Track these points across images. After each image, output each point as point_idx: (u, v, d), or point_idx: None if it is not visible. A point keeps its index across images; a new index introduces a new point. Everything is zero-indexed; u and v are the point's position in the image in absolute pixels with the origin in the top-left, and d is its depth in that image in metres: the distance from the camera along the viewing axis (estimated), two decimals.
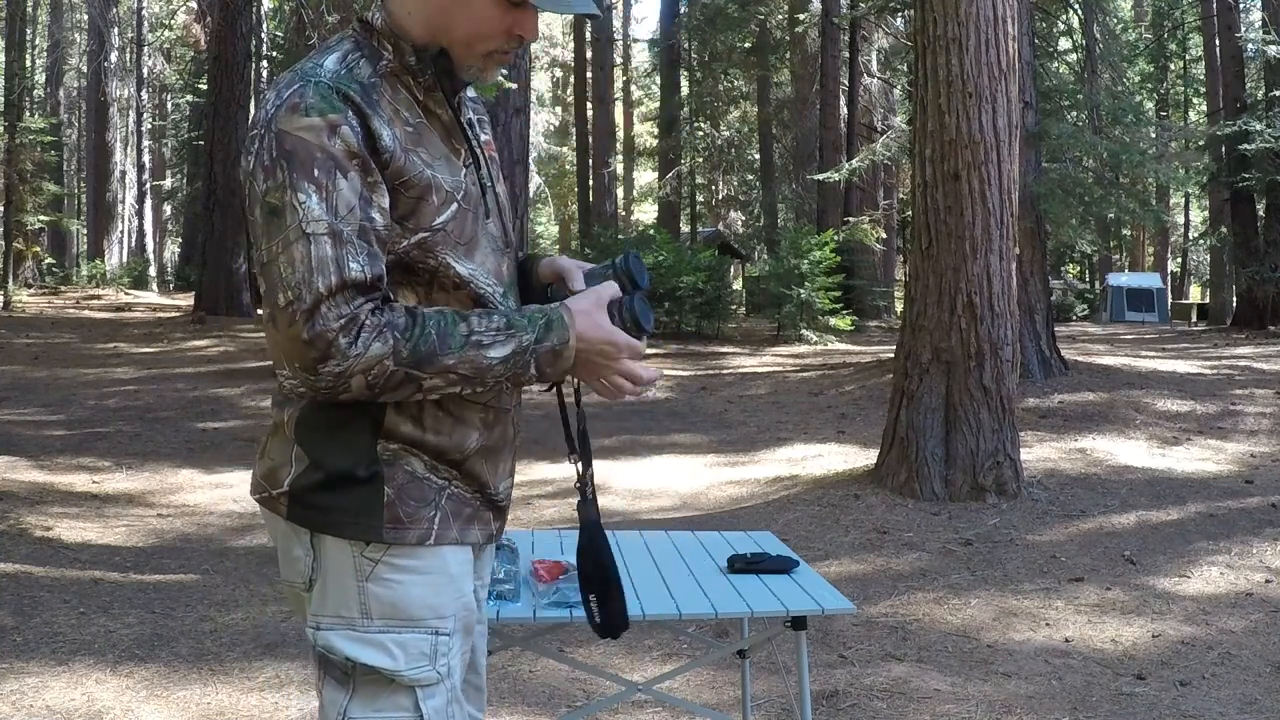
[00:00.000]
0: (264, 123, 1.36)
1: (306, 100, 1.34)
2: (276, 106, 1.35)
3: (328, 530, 1.43)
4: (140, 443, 7.90)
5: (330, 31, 9.79)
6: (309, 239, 1.32)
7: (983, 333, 6.24)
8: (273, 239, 1.33)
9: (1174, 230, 34.61)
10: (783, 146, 26.50)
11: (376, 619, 1.42)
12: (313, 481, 1.43)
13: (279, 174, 1.32)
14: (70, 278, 24.81)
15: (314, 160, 1.32)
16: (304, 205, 1.32)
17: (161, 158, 35.25)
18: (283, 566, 1.50)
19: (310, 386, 1.36)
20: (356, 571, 1.42)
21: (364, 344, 1.32)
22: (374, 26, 1.46)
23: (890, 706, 3.47)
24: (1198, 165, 23.03)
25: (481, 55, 1.48)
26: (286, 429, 1.45)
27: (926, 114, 6.41)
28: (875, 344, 15.53)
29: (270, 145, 1.34)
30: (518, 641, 2.99)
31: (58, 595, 4.39)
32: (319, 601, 1.44)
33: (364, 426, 1.43)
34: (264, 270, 1.36)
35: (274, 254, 1.33)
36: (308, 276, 1.31)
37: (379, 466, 1.43)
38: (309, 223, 1.32)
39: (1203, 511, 6.11)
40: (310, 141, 1.33)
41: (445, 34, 1.45)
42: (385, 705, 1.43)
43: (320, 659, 1.45)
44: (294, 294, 1.31)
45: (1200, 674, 3.79)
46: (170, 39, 29.10)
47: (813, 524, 5.87)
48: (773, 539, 2.66)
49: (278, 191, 1.32)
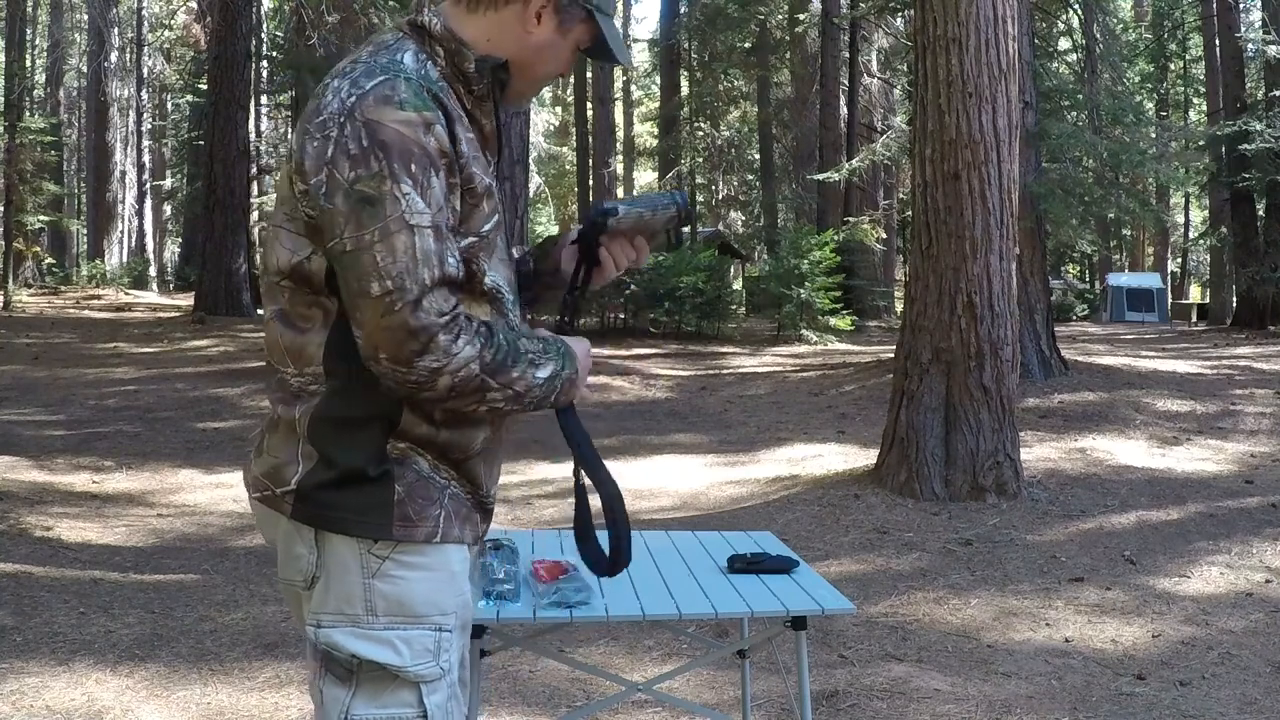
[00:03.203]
0: (343, 111, 1.35)
1: (400, 94, 1.35)
2: (358, 96, 1.35)
3: (337, 528, 1.43)
4: (140, 443, 7.90)
5: (330, 31, 9.78)
6: (413, 230, 1.32)
7: (983, 333, 6.23)
8: (365, 227, 1.32)
9: (1174, 230, 34.62)
10: (783, 146, 26.49)
11: (382, 616, 1.43)
12: (324, 479, 1.42)
13: (373, 163, 1.32)
14: (70, 278, 24.80)
15: (412, 154, 1.33)
16: (407, 196, 1.32)
17: (161, 158, 35.24)
18: (282, 565, 1.49)
19: (398, 380, 1.36)
20: (363, 569, 1.42)
21: (462, 344, 1.35)
22: (430, 31, 1.47)
23: (890, 706, 3.47)
24: (1198, 165, 23.05)
25: (539, 88, 1.59)
26: (298, 426, 1.44)
27: (926, 114, 6.41)
28: (875, 344, 15.54)
29: (358, 133, 1.33)
30: (518, 641, 2.99)
31: (58, 595, 4.38)
32: (320, 599, 1.44)
33: (378, 425, 1.43)
34: (348, 257, 1.34)
35: (366, 242, 1.32)
36: (412, 267, 1.32)
37: (389, 465, 1.44)
38: (412, 214, 1.32)
39: (1203, 511, 6.11)
40: (408, 135, 1.33)
41: (526, 69, 1.53)
42: (389, 701, 1.43)
43: (323, 657, 1.45)
44: (395, 284, 1.31)
45: (1200, 674, 3.79)
46: (170, 39, 29.08)
47: (813, 524, 5.87)
48: (773, 539, 2.66)
49: (373, 180, 1.32)
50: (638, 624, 3.95)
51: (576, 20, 1.53)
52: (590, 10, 1.54)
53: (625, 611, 2.06)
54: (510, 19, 1.49)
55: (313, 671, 1.51)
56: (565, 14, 1.52)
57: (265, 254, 1.51)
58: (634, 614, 2.05)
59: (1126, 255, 38.31)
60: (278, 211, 1.47)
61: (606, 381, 11.22)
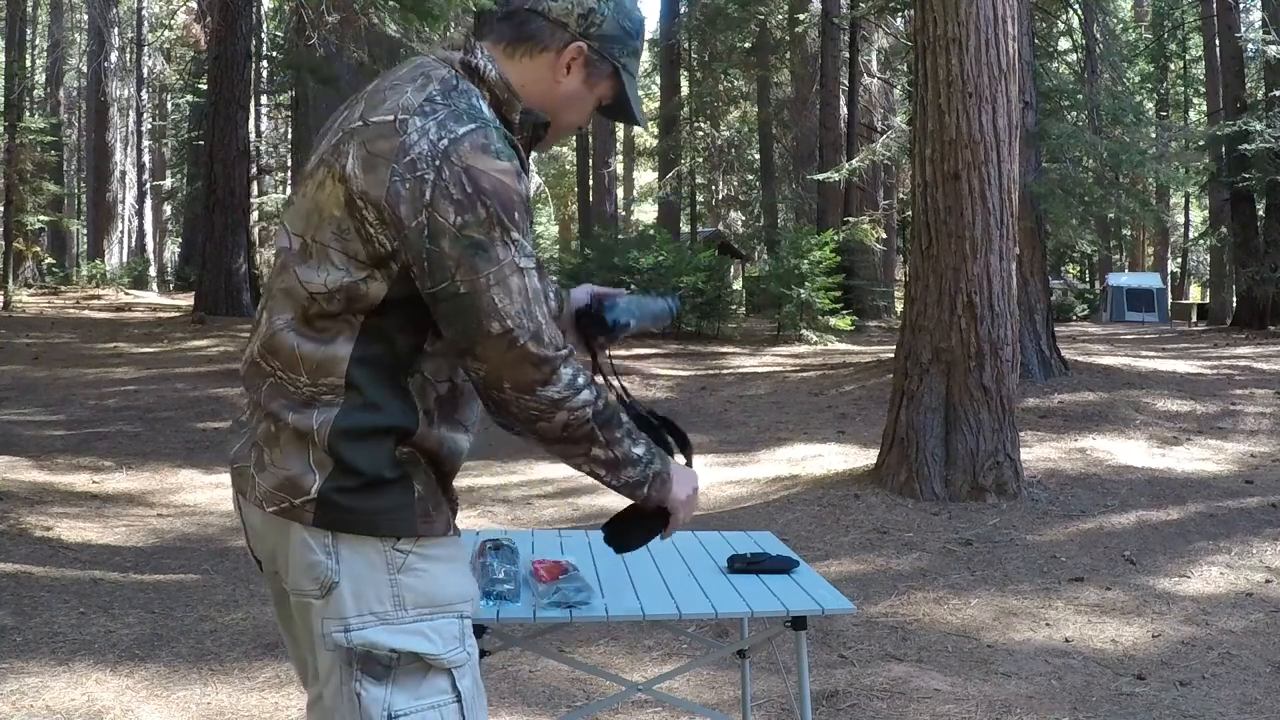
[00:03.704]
0: (436, 154, 1.40)
1: (494, 143, 1.43)
2: (451, 140, 1.41)
3: (366, 530, 1.47)
4: (140, 443, 7.90)
5: (330, 31, 9.78)
6: (523, 272, 1.42)
7: (983, 333, 6.23)
8: (479, 271, 1.40)
9: (1174, 230, 34.62)
10: (783, 146, 26.49)
11: (411, 609, 1.48)
12: (347, 485, 1.46)
13: (480, 210, 1.40)
14: (70, 278, 24.77)
15: (513, 202, 1.42)
16: (515, 241, 1.42)
17: (161, 158, 35.24)
18: (298, 578, 1.50)
19: (520, 407, 1.46)
20: (388, 566, 1.47)
21: (582, 382, 1.47)
22: (484, 77, 1.53)
23: (890, 706, 3.47)
24: (1198, 165, 23.04)
25: (560, 138, 1.68)
26: (315, 436, 1.47)
27: (926, 114, 6.41)
28: (875, 344, 15.53)
29: (459, 179, 1.40)
30: (518, 641, 2.99)
31: (58, 595, 4.38)
32: (345, 604, 1.46)
33: (394, 436, 1.49)
34: (464, 299, 1.42)
35: (482, 285, 1.40)
36: (526, 306, 1.42)
37: (404, 466, 1.49)
38: (520, 257, 1.42)
39: (1203, 511, 6.11)
40: (508, 184, 1.42)
41: (554, 117, 1.61)
42: (426, 691, 1.48)
43: (359, 660, 1.46)
44: (515, 322, 1.41)
45: (1200, 674, 3.79)
46: (170, 39, 29.07)
47: (813, 524, 5.87)
48: (773, 539, 2.66)
49: (481, 227, 1.40)
50: (638, 624, 3.96)
51: (604, 76, 1.61)
52: (617, 68, 1.61)
53: (625, 611, 2.06)
54: (543, 67, 1.56)
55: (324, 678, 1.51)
56: (594, 68, 1.59)
57: (294, 265, 1.52)
58: (634, 614, 2.05)
59: (1126, 255, 38.30)
60: (321, 228, 1.48)
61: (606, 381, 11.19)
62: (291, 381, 1.49)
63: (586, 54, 1.57)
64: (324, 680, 1.52)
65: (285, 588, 1.55)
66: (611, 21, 1.58)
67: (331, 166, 1.48)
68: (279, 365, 1.51)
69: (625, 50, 1.61)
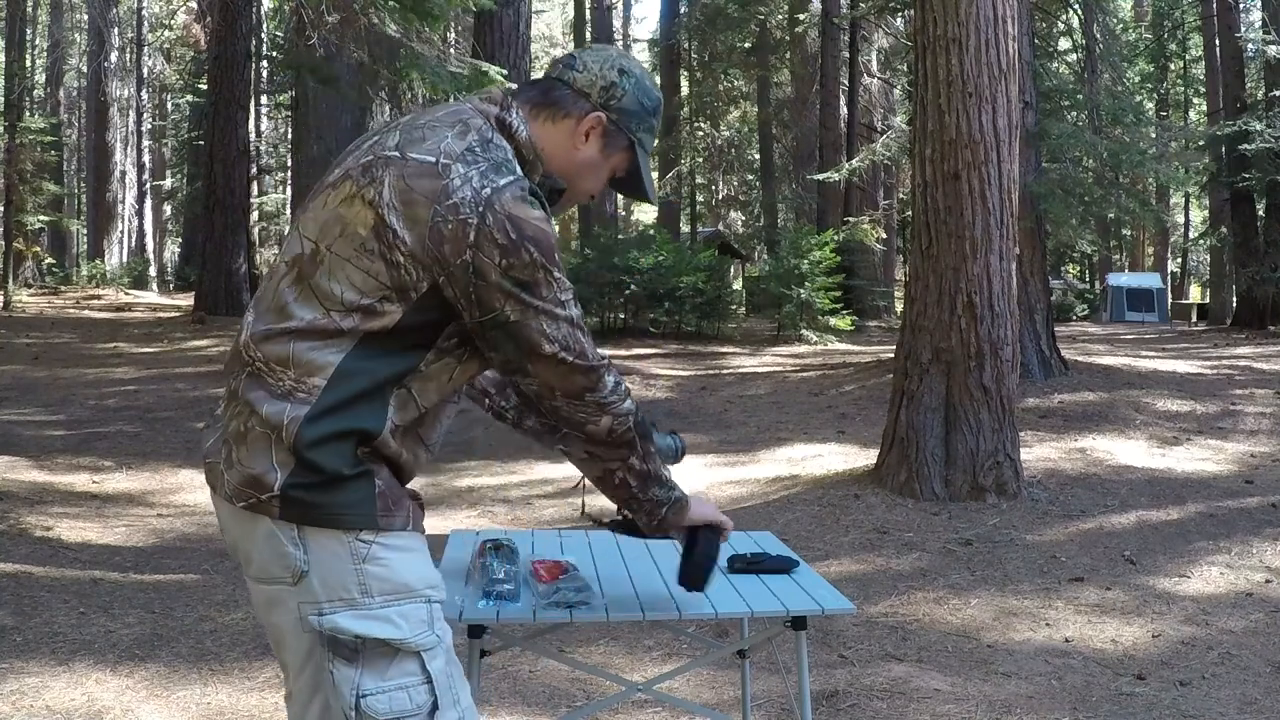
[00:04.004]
0: (479, 201, 1.51)
1: (528, 194, 1.55)
2: (493, 190, 1.52)
3: (328, 523, 1.54)
4: (140, 443, 7.90)
5: (330, 31, 9.77)
6: (564, 304, 1.58)
7: (983, 333, 6.23)
8: (529, 305, 1.55)
9: (1174, 230, 34.62)
10: (783, 146, 26.49)
11: (377, 595, 1.54)
12: (308, 482, 1.53)
13: (524, 254, 1.53)
14: (70, 278, 24.76)
15: (551, 247, 1.55)
16: (556, 279, 1.56)
17: (161, 158, 35.24)
18: (267, 565, 1.58)
19: (570, 412, 1.64)
20: (352, 556, 1.54)
21: (624, 390, 1.65)
22: (515, 135, 1.65)
23: (890, 706, 3.47)
24: (1198, 165, 23.03)
25: (574, 203, 1.79)
26: (284, 432, 1.53)
27: (926, 114, 6.41)
28: (875, 344, 15.54)
29: (503, 226, 1.51)
30: (518, 641, 2.99)
31: (58, 595, 4.38)
32: (315, 590, 1.54)
33: (353, 436, 1.55)
34: (514, 326, 1.56)
35: (532, 314, 1.56)
36: (570, 329, 1.58)
37: (364, 465, 1.56)
38: (561, 292, 1.57)
39: (1203, 511, 6.11)
40: (546, 230, 1.55)
41: (570, 182, 1.73)
42: (395, 673, 1.55)
43: (329, 643, 1.54)
44: (563, 343, 1.58)
45: (1200, 674, 3.79)
46: (170, 39, 29.09)
47: (813, 524, 5.87)
48: (773, 539, 2.66)
49: (528, 269, 1.53)
50: (638, 624, 3.96)
51: (619, 148, 1.72)
52: (633, 142, 1.72)
53: (625, 612, 2.05)
54: (563, 133, 1.68)
55: (298, 663, 1.61)
56: (610, 139, 1.70)
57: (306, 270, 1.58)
58: (634, 614, 2.05)
59: (1126, 255, 38.30)
60: (340, 241, 1.55)
61: None
62: (275, 375, 1.55)
63: (605, 125, 1.69)
64: (301, 665, 1.60)
65: (248, 579, 1.64)
66: (631, 97, 1.70)
67: (362, 187, 1.56)
68: (266, 359, 1.56)
69: (642, 126, 1.73)
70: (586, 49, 1.78)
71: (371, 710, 1.53)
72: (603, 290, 15.91)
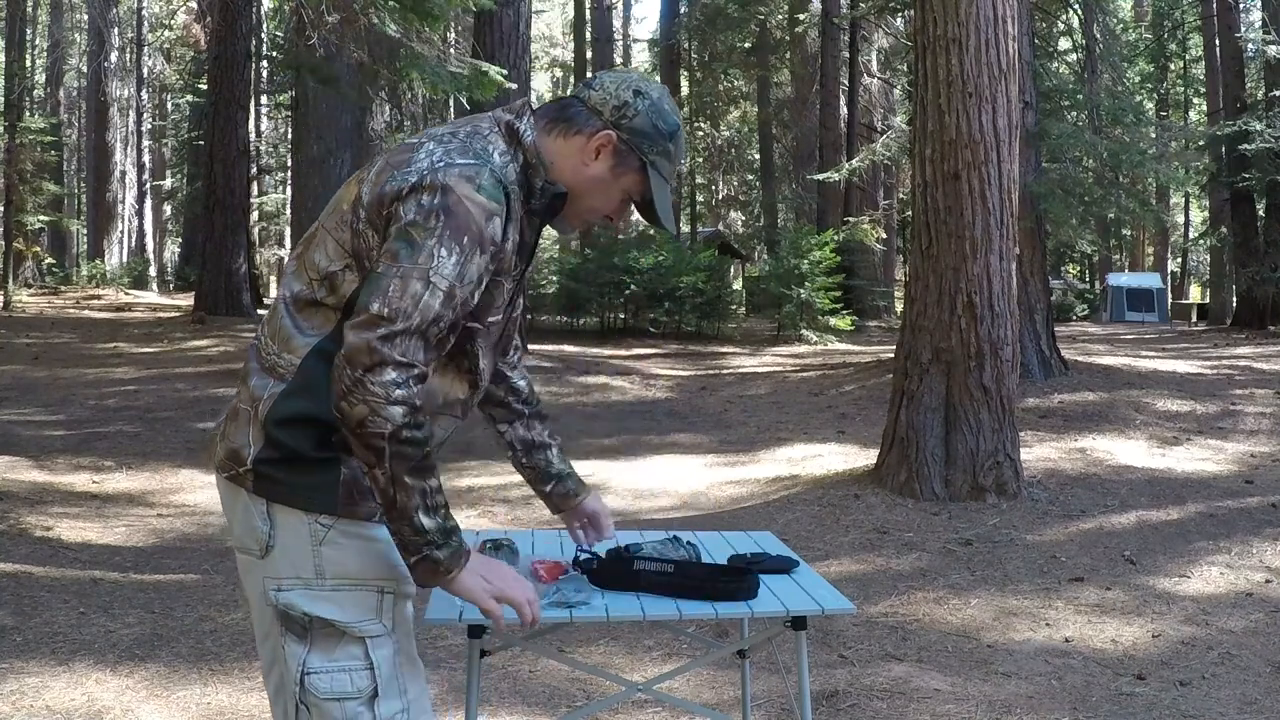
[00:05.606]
0: (429, 169, 1.55)
1: (481, 179, 1.55)
2: (446, 164, 1.55)
3: (289, 502, 1.60)
4: (140, 443, 7.90)
5: (330, 31, 9.78)
6: (429, 285, 1.50)
7: (983, 333, 6.23)
8: (398, 261, 1.51)
9: (1174, 230, 34.62)
10: (783, 146, 26.50)
11: (330, 579, 1.61)
12: (272, 458, 1.60)
13: (432, 221, 1.52)
14: (70, 278, 24.77)
15: (466, 229, 1.52)
16: (440, 258, 1.51)
17: (161, 158, 35.23)
18: (241, 535, 1.66)
19: (337, 377, 1.51)
20: (311, 537, 1.61)
21: (399, 395, 1.48)
22: (522, 140, 1.66)
23: (890, 706, 3.47)
24: (1198, 165, 23.02)
25: (584, 220, 1.77)
26: (260, 407, 1.61)
27: (926, 114, 6.41)
28: (875, 344, 15.54)
29: (434, 193, 1.53)
30: (518, 641, 2.99)
31: (58, 595, 4.38)
32: (278, 565, 1.62)
33: (317, 423, 1.59)
34: (374, 276, 1.53)
35: (392, 273, 1.51)
36: (409, 310, 1.49)
37: (333, 451, 1.61)
38: (436, 273, 1.51)
39: (1203, 511, 6.11)
40: (472, 214, 1.53)
41: (576, 198, 1.72)
42: (340, 655, 1.62)
43: (281, 618, 1.62)
44: (390, 312, 1.49)
45: (1200, 674, 3.79)
46: (170, 39, 29.08)
47: (813, 524, 5.87)
48: (773, 539, 2.66)
49: (423, 232, 1.51)
50: (638, 624, 3.96)
51: (630, 168, 1.71)
52: (645, 163, 1.71)
53: (625, 612, 2.05)
54: (574, 148, 1.69)
55: (262, 633, 1.70)
56: (620, 158, 1.70)
57: (305, 247, 1.68)
58: (634, 614, 2.05)
59: (1126, 255, 38.30)
60: (331, 216, 1.66)
61: (606, 381, 11.22)
62: (267, 349, 1.65)
63: (615, 143, 1.69)
64: (265, 635, 1.69)
65: (231, 546, 1.73)
66: (644, 118, 1.69)
67: (362, 171, 1.67)
68: (268, 334, 1.67)
69: (655, 148, 1.71)
70: (609, 70, 1.80)
71: (314, 688, 1.60)
72: (603, 290, 15.92)
